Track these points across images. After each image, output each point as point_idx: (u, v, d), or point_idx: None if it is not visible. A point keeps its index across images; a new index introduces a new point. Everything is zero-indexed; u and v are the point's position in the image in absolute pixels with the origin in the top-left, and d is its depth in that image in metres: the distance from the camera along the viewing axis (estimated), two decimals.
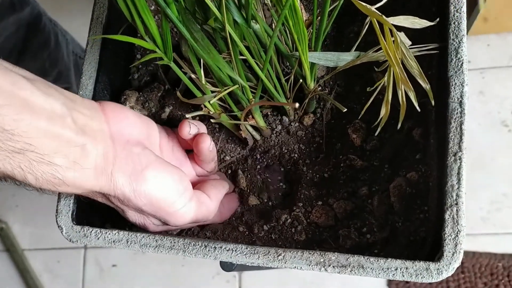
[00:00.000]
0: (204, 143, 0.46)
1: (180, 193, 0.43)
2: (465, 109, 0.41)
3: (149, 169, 0.41)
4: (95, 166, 0.39)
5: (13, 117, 0.33)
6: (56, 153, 0.36)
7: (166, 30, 0.41)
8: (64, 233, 0.43)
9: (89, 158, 0.38)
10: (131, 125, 0.43)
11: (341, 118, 0.51)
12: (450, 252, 0.38)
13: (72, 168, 0.37)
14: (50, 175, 0.36)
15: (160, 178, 0.42)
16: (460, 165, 0.40)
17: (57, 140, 0.36)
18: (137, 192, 0.41)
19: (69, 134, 0.37)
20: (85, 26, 0.48)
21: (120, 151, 0.41)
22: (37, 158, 0.35)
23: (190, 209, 0.44)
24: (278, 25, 0.37)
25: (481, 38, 1.17)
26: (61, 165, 0.36)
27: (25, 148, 0.34)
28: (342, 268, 0.39)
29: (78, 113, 0.39)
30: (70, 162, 0.37)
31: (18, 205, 1.31)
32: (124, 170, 0.40)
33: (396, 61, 0.36)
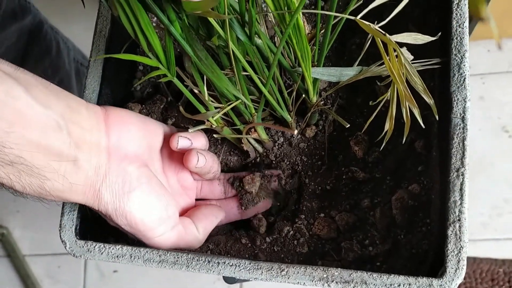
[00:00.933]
0: (189, 162, 0.45)
1: (161, 222, 0.43)
2: (467, 125, 0.41)
3: (136, 192, 0.41)
4: (85, 180, 0.39)
5: (5, 129, 0.33)
6: (46, 167, 0.36)
7: (169, 47, 0.41)
8: (67, 248, 0.43)
9: (79, 173, 0.38)
10: (132, 137, 0.43)
11: (343, 130, 0.51)
12: (452, 268, 0.38)
13: (60, 182, 0.37)
14: (37, 186, 0.36)
15: (144, 204, 0.42)
16: (463, 181, 0.40)
17: (48, 154, 0.35)
18: (119, 212, 0.41)
19: (61, 148, 0.36)
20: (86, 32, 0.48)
21: (114, 167, 0.40)
22: (26, 170, 0.35)
23: (169, 238, 0.44)
24: (282, 43, 0.37)
25: (481, 43, 1.17)
26: (50, 179, 0.36)
27: (15, 161, 0.34)
28: (345, 284, 0.39)
29: (75, 125, 0.38)
30: (59, 176, 0.37)
31: (19, 210, 1.31)
32: (111, 188, 0.40)
33: (400, 79, 0.36)
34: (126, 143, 0.42)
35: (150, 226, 0.42)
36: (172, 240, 0.44)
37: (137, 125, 0.44)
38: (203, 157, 0.46)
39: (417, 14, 0.51)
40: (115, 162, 0.41)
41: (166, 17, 0.38)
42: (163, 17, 0.38)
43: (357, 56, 0.48)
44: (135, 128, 0.43)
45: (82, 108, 0.40)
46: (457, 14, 0.43)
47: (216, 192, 0.51)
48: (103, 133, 0.41)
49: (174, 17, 0.38)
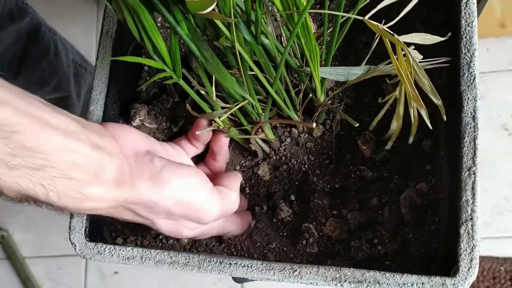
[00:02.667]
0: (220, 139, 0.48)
1: (202, 186, 0.44)
2: (478, 123, 0.41)
3: (166, 170, 0.41)
4: (114, 179, 0.39)
5: (33, 134, 0.33)
6: (75, 168, 0.36)
7: (175, 48, 0.41)
8: (77, 250, 0.43)
9: (107, 171, 0.38)
10: (136, 140, 0.43)
11: (351, 129, 0.51)
12: (466, 267, 0.38)
13: (93, 182, 0.37)
14: (73, 190, 0.36)
15: (179, 176, 0.42)
16: (475, 179, 0.40)
17: (75, 156, 0.36)
18: (162, 194, 0.41)
19: (86, 150, 0.37)
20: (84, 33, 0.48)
21: (133, 162, 0.41)
22: (57, 174, 0.35)
23: (216, 201, 0.44)
24: (289, 43, 0.37)
25: (480, 42, 1.17)
26: (82, 179, 0.36)
27: (45, 165, 0.34)
28: (358, 283, 0.39)
29: (90, 131, 0.39)
30: (91, 176, 0.37)
31: (20, 212, 1.31)
32: (143, 177, 0.40)
33: (408, 80, 0.36)
34: (133, 143, 0.43)
35: (196, 194, 0.43)
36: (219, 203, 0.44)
37: (136, 131, 0.45)
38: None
39: (424, 12, 0.51)
40: (132, 158, 0.41)
41: (172, 17, 0.38)
42: (169, 17, 0.38)
43: (364, 56, 0.48)
44: (137, 133, 0.44)
45: (83, 121, 0.41)
46: (466, 13, 0.43)
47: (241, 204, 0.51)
48: (110, 140, 0.41)
49: (181, 18, 0.38)
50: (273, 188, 0.52)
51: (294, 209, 0.51)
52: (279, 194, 0.52)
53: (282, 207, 0.50)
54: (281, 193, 0.52)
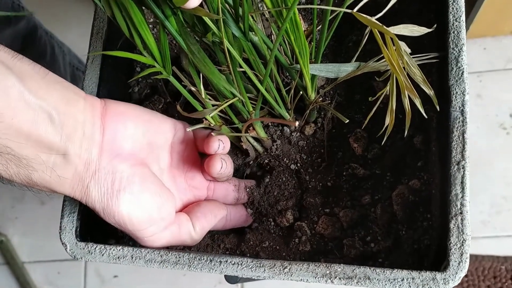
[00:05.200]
0: (213, 168, 0.44)
1: (152, 222, 0.42)
2: (467, 118, 0.41)
3: (125, 191, 0.40)
4: (73, 175, 0.38)
5: None
6: (34, 158, 0.35)
7: (164, 43, 0.41)
8: (68, 250, 0.43)
9: (68, 166, 0.37)
10: (129, 134, 0.42)
11: (342, 127, 0.51)
12: (456, 261, 0.38)
13: (48, 174, 0.36)
14: (25, 176, 0.36)
15: (133, 204, 0.40)
16: (464, 174, 0.40)
17: (37, 146, 0.35)
18: (107, 211, 0.40)
19: (51, 140, 0.36)
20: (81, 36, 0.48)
21: (105, 164, 0.39)
22: (14, 160, 0.34)
23: (160, 239, 0.43)
24: (278, 39, 0.37)
25: (477, 41, 1.17)
26: (38, 170, 0.36)
27: (2, 151, 0.33)
28: (349, 279, 0.39)
29: (69, 117, 0.37)
30: (47, 168, 0.36)
31: (18, 217, 1.31)
32: (100, 186, 0.39)
33: (400, 70, 0.36)
34: (121, 140, 0.41)
35: (139, 227, 0.41)
36: (164, 241, 0.43)
37: (136, 121, 0.43)
38: (225, 163, 0.45)
39: (413, 9, 0.51)
40: (107, 158, 0.40)
41: (161, 12, 0.38)
42: (158, 12, 0.38)
43: (354, 54, 0.48)
44: (133, 125, 0.42)
45: (80, 100, 0.39)
46: (454, 8, 0.43)
47: (230, 198, 0.50)
48: (97, 128, 0.40)
49: (170, 13, 0.38)
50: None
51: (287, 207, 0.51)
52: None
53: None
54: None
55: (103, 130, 0.40)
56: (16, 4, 0.79)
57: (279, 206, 0.50)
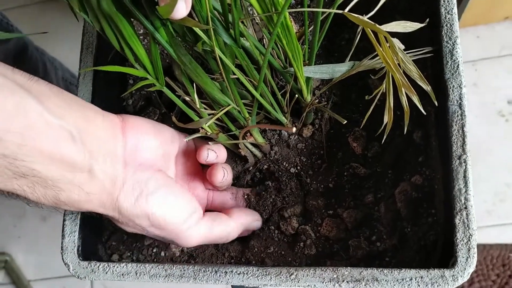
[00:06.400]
0: (215, 177, 0.45)
1: (186, 216, 0.43)
2: (465, 111, 0.41)
3: (155, 195, 0.41)
4: (101, 190, 0.38)
5: (16, 141, 0.32)
6: (60, 178, 0.35)
7: (155, 55, 0.41)
8: (71, 270, 0.42)
9: (95, 183, 0.38)
10: (149, 145, 0.43)
11: (340, 127, 0.51)
12: (463, 257, 0.38)
13: (76, 192, 0.37)
14: (52, 197, 0.36)
15: (164, 204, 0.41)
16: (466, 168, 0.39)
17: (62, 165, 0.35)
18: (142, 216, 0.40)
19: (75, 159, 0.36)
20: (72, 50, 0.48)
21: (130, 175, 0.40)
22: (40, 181, 0.34)
23: (198, 231, 0.44)
24: (271, 44, 0.37)
25: (470, 30, 1.17)
26: (65, 190, 0.36)
27: (28, 173, 0.33)
28: (356, 282, 0.38)
29: (90, 135, 0.38)
30: (75, 187, 0.36)
31: (20, 236, 1.30)
32: (130, 194, 0.40)
33: (396, 68, 0.35)
34: (142, 151, 0.42)
35: (176, 222, 0.42)
36: (201, 233, 0.44)
37: (154, 133, 0.44)
38: (227, 172, 0.46)
39: (403, 5, 0.50)
40: (132, 170, 0.40)
41: (150, 24, 0.38)
42: (147, 24, 0.37)
43: (347, 52, 0.47)
44: (152, 137, 0.43)
45: (98, 117, 0.40)
46: (445, 1, 0.43)
47: (227, 207, 0.50)
48: (119, 142, 0.40)
49: (159, 24, 0.38)
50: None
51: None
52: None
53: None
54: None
55: (125, 143, 0.41)
56: (4, 22, 0.78)
57: (285, 214, 0.49)
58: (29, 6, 1.40)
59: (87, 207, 0.39)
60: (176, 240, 0.43)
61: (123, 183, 0.40)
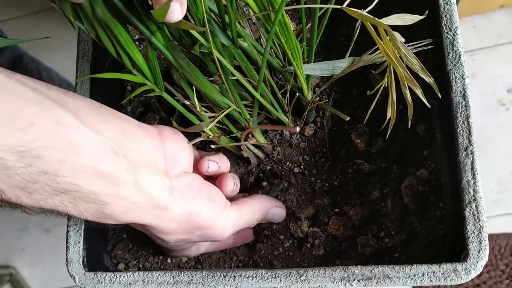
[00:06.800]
0: (227, 187, 0.46)
1: (222, 209, 0.44)
2: (469, 102, 0.40)
3: (199, 194, 0.42)
4: (148, 201, 0.38)
5: (56, 158, 0.31)
6: (104, 192, 0.35)
7: (153, 60, 0.40)
8: (77, 281, 0.42)
9: (142, 194, 0.37)
10: (185, 153, 0.43)
11: (343, 124, 0.50)
12: (475, 250, 0.37)
13: (121, 204, 0.36)
14: (95, 210, 0.35)
15: (208, 201, 0.42)
16: (473, 159, 0.39)
17: (106, 179, 0.35)
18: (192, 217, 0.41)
19: (119, 172, 0.35)
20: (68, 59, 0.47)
21: (175, 183, 0.41)
22: (83, 196, 0.34)
23: (231, 220, 0.45)
24: (269, 43, 0.36)
25: (466, 20, 1.17)
26: (109, 203, 0.35)
27: (70, 189, 0.33)
28: (368, 281, 0.38)
29: (131, 147, 0.38)
30: (120, 199, 0.36)
31: (25, 248, 1.29)
32: (179, 200, 0.40)
33: (398, 61, 0.35)
34: (181, 159, 0.42)
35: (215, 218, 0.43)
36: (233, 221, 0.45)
37: (186, 143, 0.44)
38: (236, 181, 0.47)
39: None
40: (175, 178, 0.41)
41: (146, 28, 0.37)
42: (143, 28, 0.37)
43: (346, 48, 0.47)
44: (186, 146, 0.44)
45: (137, 129, 0.40)
46: None
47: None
48: (160, 152, 0.41)
49: (155, 28, 0.37)
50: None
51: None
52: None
53: None
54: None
55: (165, 153, 0.41)
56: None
57: (301, 216, 0.49)
58: (23, 17, 1.39)
59: (133, 218, 0.38)
60: (217, 234, 0.44)
61: (170, 190, 0.40)
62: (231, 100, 0.43)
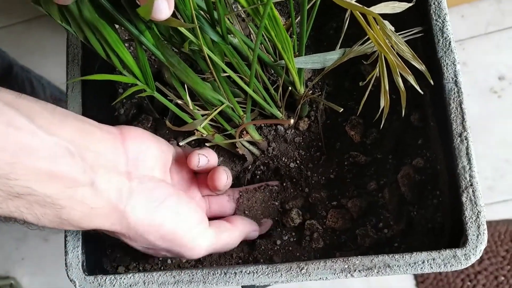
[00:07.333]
0: (220, 180, 0.44)
1: (194, 225, 0.42)
2: (461, 88, 0.40)
3: (164, 204, 0.40)
4: (107, 203, 0.37)
5: (7, 160, 0.31)
6: (60, 195, 0.34)
7: (143, 60, 0.40)
8: (77, 286, 0.42)
9: (99, 196, 0.36)
10: (151, 155, 0.42)
11: (337, 117, 0.50)
12: (474, 235, 0.37)
13: (78, 209, 0.35)
14: (53, 216, 0.35)
15: (175, 213, 0.41)
16: (468, 145, 0.39)
17: (61, 181, 0.34)
18: (152, 227, 0.39)
19: (75, 174, 0.35)
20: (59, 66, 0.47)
21: (136, 186, 0.39)
22: (38, 200, 0.33)
23: (205, 243, 0.43)
24: (259, 36, 0.36)
25: (454, 10, 1.17)
26: (66, 206, 0.35)
27: (23, 192, 0.32)
28: (369, 270, 0.38)
29: (89, 148, 0.37)
30: (77, 202, 0.35)
31: (24, 257, 1.29)
32: (139, 206, 0.38)
33: (388, 49, 0.35)
34: (145, 161, 0.41)
35: (184, 233, 0.41)
36: (208, 241, 0.43)
37: (153, 141, 0.43)
38: (228, 173, 0.45)
39: None
40: (136, 181, 0.39)
41: (135, 28, 0.37)
42: (132, 28, 0.37)
43: (336, 41, 0.47)
44: (153, 145, 0.42)
45: (95, 130, 0.39)
46: None
47: (227, 210, 0.50)
48: (121, 154, 0.39)
49: (144, 27, 0.37)
50: None
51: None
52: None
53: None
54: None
55: (127, 154, 0.40)
56: None
57: (287, 206, 0.49)
58: (13, 25, 1.38)
59: (93, 224, 0.37)
60: (185, 252, 0.42)
61: (129, 194, 0.38)
62: (223, 96, 0.43)
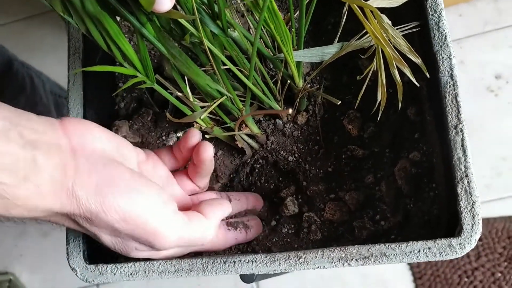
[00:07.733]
0: (206, 152, 0.42)
1: (158, 207, 0.38)
2: (457, 81, 0.41)
3: (120, 180, 0.37)
4: (51, 180, 0.34)
5: None
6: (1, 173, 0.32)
7: (144, 52, 0.40)
8: (79, 274, 0.42)
9: (42, 172, 0.34)
10: (97, 140, 0.38)
11: (334, 111, 0.51)
12: (469, 224, 0.38)
13: (23, 185, 0.33)
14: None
15: (134, 190, 0.37)
16: (463, 136, 0.40)
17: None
18: (106, 206, 0.36)
19: (13, 149, 0.33)
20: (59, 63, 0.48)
21: (83, 162, 0.36)
22: None
23: (177, 226, 0.39)
24: (259, 29, 0.37)
25: (451, 9, 1.18)
26: (9, 183, 0.32)
27: None
28: (365, 259, 0.38)
29: (26, 128, 0.34)
30: (20, 179, 0.33)
31: (22, 254, 1.29)
32: (88, 182, 0.35)
33: (386, 42, 0.36)
34: (92, 142, 0.38)
35: (148, 215, 0.37)
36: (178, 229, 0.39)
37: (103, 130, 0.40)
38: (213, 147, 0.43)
39: None
40: (83, 158, 0.36)
41: (136, 20, 0.38)
42: (133, 20, 0.37)
43: (334, 36, 0.47)
44: (98, 129, 0.39)
45: (32, 115, 0.36)
46: None
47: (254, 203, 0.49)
48: (61, 135, 0.36)
49: (145, 19, 0.38)
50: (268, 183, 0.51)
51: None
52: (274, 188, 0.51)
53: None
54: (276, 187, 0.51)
55: (68, 137, 0.37)
56: None
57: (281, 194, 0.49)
58: (14, 23, 1.39)
59: (42, 205, 0.34)
60: (149, 238, 0.38)
61: (75, 169, 0.35)
62: (223, 88, 0.44)
